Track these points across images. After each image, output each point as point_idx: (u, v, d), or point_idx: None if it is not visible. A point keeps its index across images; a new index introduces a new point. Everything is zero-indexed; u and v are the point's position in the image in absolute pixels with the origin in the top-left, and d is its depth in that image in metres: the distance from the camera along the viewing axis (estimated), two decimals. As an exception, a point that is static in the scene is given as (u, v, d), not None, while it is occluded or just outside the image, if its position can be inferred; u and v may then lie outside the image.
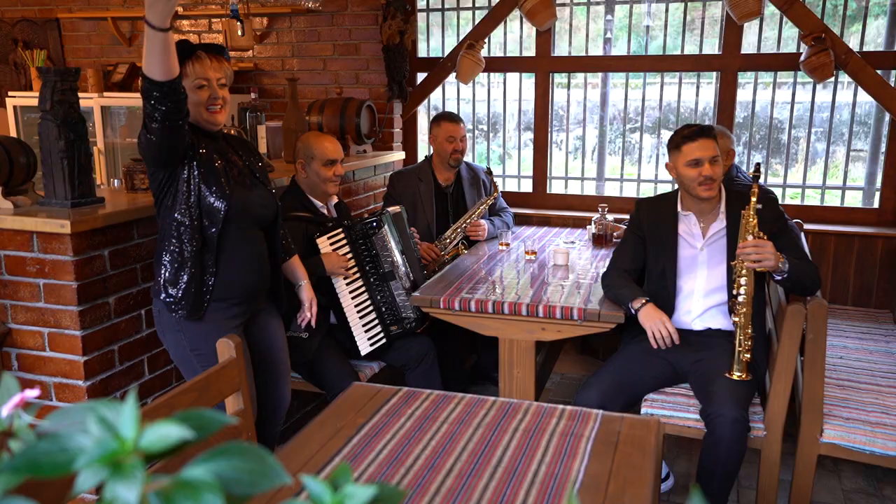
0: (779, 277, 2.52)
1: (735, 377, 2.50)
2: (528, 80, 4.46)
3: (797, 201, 4.20)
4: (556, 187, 4.59)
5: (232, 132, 3.14)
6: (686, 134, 2.70)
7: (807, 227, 3.77)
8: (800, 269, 2.51)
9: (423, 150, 4.76)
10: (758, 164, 2.48)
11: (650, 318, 2.62)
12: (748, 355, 2.49)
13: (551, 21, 4.18)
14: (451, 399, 1.93)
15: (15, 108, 4.66)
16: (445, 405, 1.90)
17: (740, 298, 2.48)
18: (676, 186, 2.86)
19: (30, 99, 4.67)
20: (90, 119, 4.49)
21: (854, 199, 4.22)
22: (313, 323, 2.72)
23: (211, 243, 2.24)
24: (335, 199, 3.16)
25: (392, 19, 4.18)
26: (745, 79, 4.12)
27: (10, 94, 4.76)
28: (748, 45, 4.08)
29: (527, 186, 4.59)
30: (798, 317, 2.41)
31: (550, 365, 3.83)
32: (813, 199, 4.20)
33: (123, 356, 2.49)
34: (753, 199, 2.46)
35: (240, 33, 3.58)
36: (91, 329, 2.35)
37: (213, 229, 2.23)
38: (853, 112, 4.00)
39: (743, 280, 2.48)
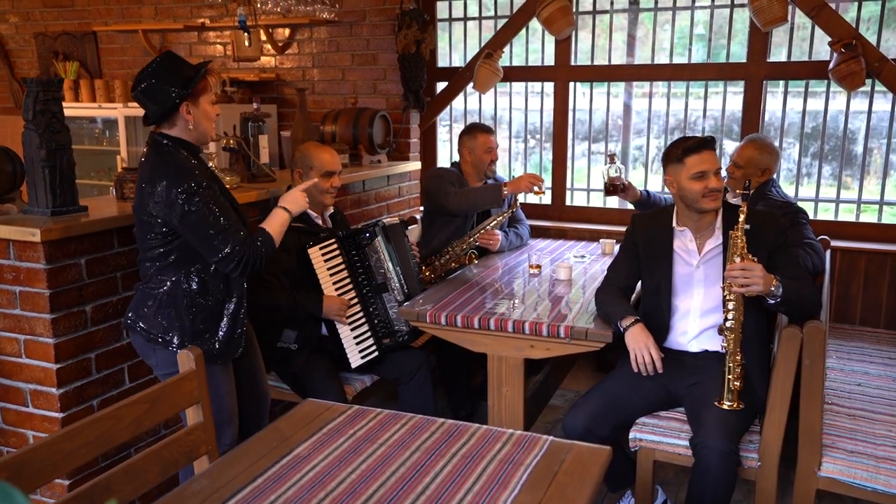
0: (772, 301, 2.37)
1: (725, 406, 2.35)
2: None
3: (829, 216, 3.98)
4: (577, 199, 4.47)
5: (231, 143, 3.16)
6: (688, 146, 2.56)
7: (836, 244, 3.57)
8: (795, 291, 2.35)
9: (442, 160, 4.71)
10: (749, 181, 2.33)
11: (636, 341, 2.49)
12: (738, 383, 2.34)
13: (569, 29, 4.07)
14: (398, 419, 1.86)
15: (47, 118, 4.79)
16: (391, 426, 1.83)
17: (728, 324, 2.33)
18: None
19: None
20: (115, 129, 4.60)
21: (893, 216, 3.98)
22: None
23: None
24: (331, 210, 3.13)
25: (407, 28, 4.14)
26: (778, 87, 3.93)
27: (43, 104, 4.90)
28: (780, 55, 3.89)
29: (547, 198, 4.48)
30: (793, 341, 2.25)
31: (556, 382, 3.71)
32: (848, 214, 3.98)
33: (101, 364, 2.50)
34: (741, 217, 2.31)
35: (247, 44, 3.60)
36: (65, 337, 2.36)
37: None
38: (892, 123, 3.77)
39: (731, 305, 2.33)
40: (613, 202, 4.42)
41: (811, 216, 3.92)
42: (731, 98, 4.03)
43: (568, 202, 4.41)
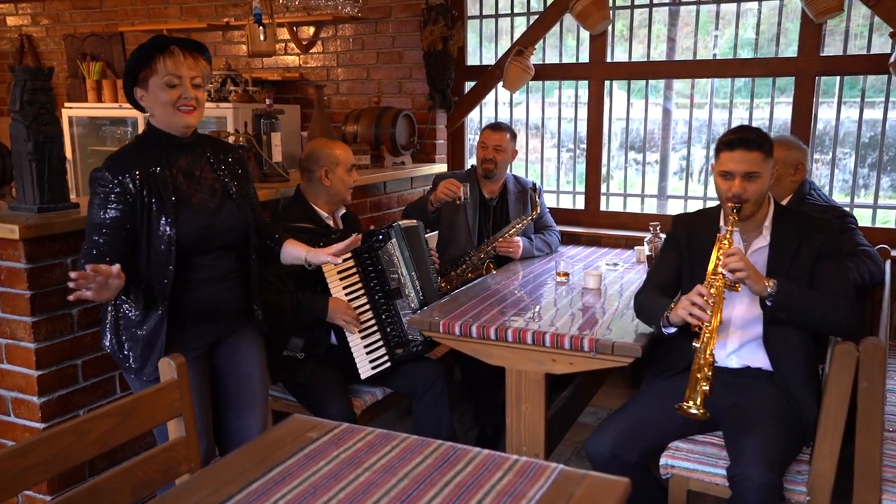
0: (769, 303, 2.16)
1: (685, 408, 2.09)
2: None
3: (890, 224, 3.65)
4: (614, 204, 4.21)
5: (241, 140, 3.00)
6: (727, 140, 2.32)
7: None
8: (806, 298, 2.15)
9: (472, 162, 4.50)
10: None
11: (682, 310, 2.17)
12: (706, 386, 2.07)
13: (604, 24, 3.83)
14: (389, 440, 1.65)
15: (70, 118, 4.75)
16: (380, 447, 1.61)
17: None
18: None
19: (82, 110, 4.78)
20: (135, 128, 4.51)
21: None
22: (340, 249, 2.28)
23: (164, 288, 2.05)
24: (342, 210, 2.95)
25: (434, 25, 3.95)
26: (832, 98, 3.63)
27: (66, 104, 4.86)
28: (836, 51, 3.59)
29: (580, 203, 4.23)
30: (848, 359, 1.98)
31: (586, 398, 3.45)
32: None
33: (88, 372, 2.34)
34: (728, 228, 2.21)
35: (261, 38, 3.45)
36: (47, 342, 2.21)
37: (166, 271, 2.05)
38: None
39: (712, 290, 2.14)
40: (652, 206, 4.15)
41: (869, 223, 3.62)
42: (779, 108, 3.73)
43: (603, 207, 4.15)
